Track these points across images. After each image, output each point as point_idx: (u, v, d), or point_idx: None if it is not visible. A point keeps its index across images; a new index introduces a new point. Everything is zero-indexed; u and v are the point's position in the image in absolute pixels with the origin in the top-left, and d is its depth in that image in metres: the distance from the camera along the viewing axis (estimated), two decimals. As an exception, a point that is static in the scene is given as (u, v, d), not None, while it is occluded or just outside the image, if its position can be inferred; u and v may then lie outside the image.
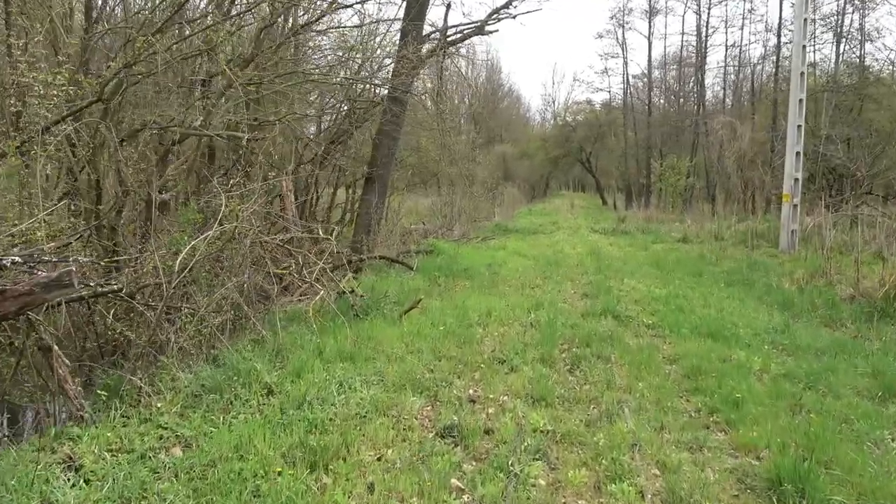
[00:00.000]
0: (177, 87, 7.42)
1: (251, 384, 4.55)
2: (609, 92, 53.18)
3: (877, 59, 31.75)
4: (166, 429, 3.85)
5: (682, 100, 38.70)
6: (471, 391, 4.80)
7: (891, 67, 32.91)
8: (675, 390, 4.91)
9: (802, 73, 14.85)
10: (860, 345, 6.53)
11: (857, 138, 26.28)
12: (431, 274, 9.82)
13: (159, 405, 4.15)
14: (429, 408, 4.48)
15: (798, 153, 15.04)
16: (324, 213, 17.37)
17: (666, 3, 46.00)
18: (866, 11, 30.80)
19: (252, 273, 6.07)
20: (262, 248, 6.35)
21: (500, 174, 44.80)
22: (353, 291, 7.19)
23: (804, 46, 14.93)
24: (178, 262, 4.98)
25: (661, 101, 40.73)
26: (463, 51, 19.42)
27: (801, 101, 14.88)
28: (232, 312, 5.83)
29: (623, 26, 38.34)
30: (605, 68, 50.44)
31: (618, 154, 42.11)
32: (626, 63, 40.48)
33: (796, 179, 15.12)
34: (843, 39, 32.56)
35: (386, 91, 12.03)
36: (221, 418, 4.02)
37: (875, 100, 29.94)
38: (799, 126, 14.96)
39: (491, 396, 4.71)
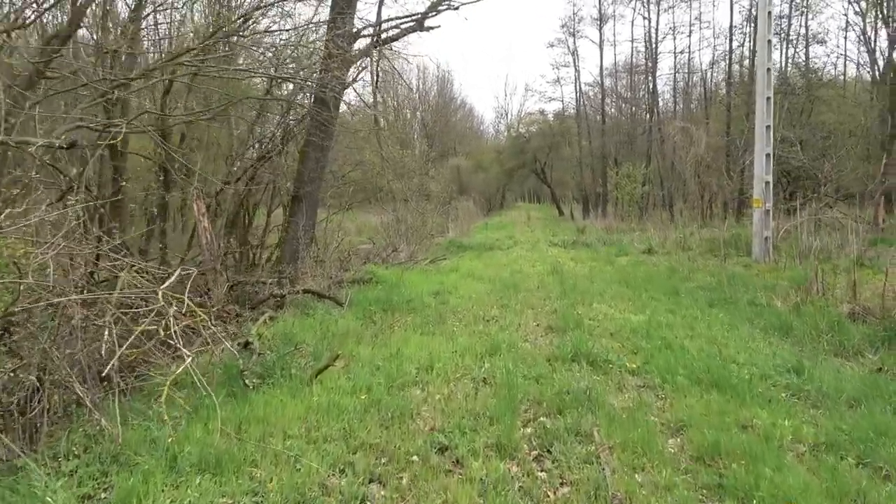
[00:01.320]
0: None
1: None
2: (562, 101, 52.94)
3: (822, 62, 31.88)
4: None
5: (634, 108, 38.16)
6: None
7: (833, 70, 32.94)
8: (692, 492, 3.38)
9: (769, 70, 13.84)
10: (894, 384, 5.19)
11: (810, 140, 25.95)
12: (366, 309, 8.17)
13: None
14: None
15: (768, 154, 14.00)
16: (259, 238, 15.57)
17: (615, 10, 45.69)
18: (811, 15, 30.75)
19: (86, 338, 4.32)
20: (92, 305, 4.56)
21: (455, 188, 43.46)
22: (248, 344, 5.49)
23: (769, 41, 13.93)
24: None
25: (613, 110, 40.14)
26: (404, 50, 17.99)
27: (768, 98, 13.86)
28: (60, 395, 4.07)
29: (574, 34, 37.67)
30: (558, 77, 49.81)
31: (573, 164, 41.31)
32: (577, 71, 39.66)
33: (767, 182, 14.06)
34: (790, 43, 32.51)
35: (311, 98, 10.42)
36: None
37: (825, 101, 29.85)
38: (767, 126, 13.93)
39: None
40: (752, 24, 29.55)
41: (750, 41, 30.65)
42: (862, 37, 29.04)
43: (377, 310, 8.18)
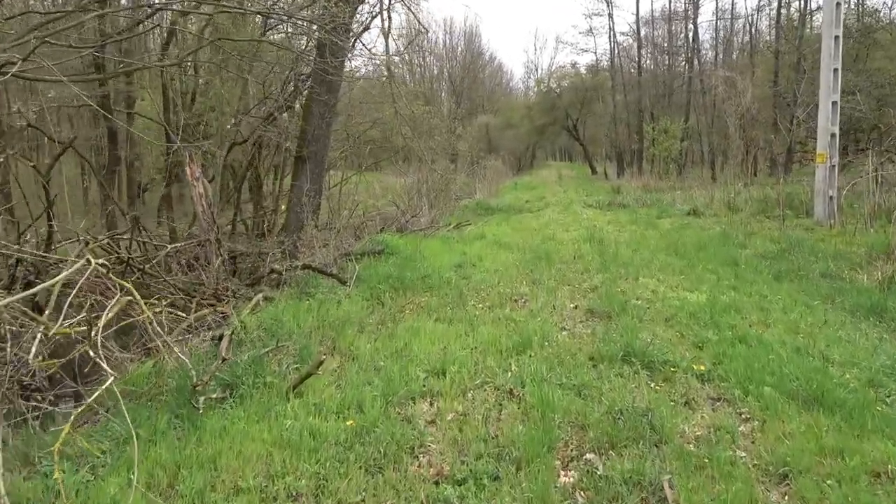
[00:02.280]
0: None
1: None
2: (595, 53, 50.45)
3: (880, 2, 29.11)
4: None
5: (671, 58, 35.72)
6: None
7: (889, 13, 30.18)
8: None
9: (838, 3, 12.02)
10: None
11: (866, 88, 23.73)
12: (375, 288, 7.04)
13: None
14: None
15: (834, 102, 12.30)
16: (273, 202, 14.53)
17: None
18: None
19: None
20: None
21: (484, 146, 41.93)
22: (221, 339, 4.41)
23: (842, -32, 12.08)
24: None
25: (649, 62, 37.71)
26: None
27: (836, 37, 12.08)
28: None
29: (608, -20, 35.08)
30: (590, 27, 47.25)
31: (606, 119, 39.21)
32: (612, 20, 37.12)
33: (833, 135, 12.39)
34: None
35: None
36: None
37: (882, 46, 27.40)
38: (835, 69, 12.19)
39: None
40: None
41: (803, -20, 28.03)
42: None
43: (387, 289, 7.04)
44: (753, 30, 32.86)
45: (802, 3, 27.94)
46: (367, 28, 12.26)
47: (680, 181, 26.23)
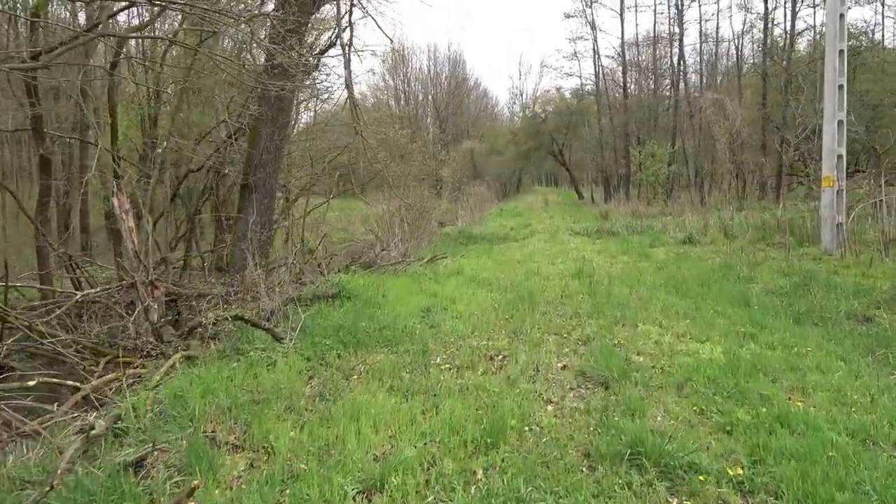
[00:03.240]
0: None
1: None
2: (580, 77, 49.86)
3: (864, 25, 28.80)
4: None
5: (656, 82, 35.10)
6: None
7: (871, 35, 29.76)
8: None
9: (842, 15, 11.11)
10: None
11: (857, 110, 23.06)
12: (320, 344, 5.77)
13: None
14: None
15: (840, 121, 11.32)
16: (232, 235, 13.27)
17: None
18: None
19: None
20: None
21: (469, 172, 40.98)
22: (91, 432, 3.13)
23: (842, -21, 11.19)
24: None
25: (633, 86, 37.09)
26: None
27: (841, 51, 11.15)
28: None
29: (591, 6, 34.56)
30: (575, 52, 46.53)
31: (592, 144, 38.45)
32: (596, 42, 36.68)
33: (839, 156, 11.38)
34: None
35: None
36: None
37: (869, 68, 27.01)
38: (840, 86, 11.23)
39: None
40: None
41: (789, 2, 27.55)
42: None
43: (335, 344, 5.78)
44: (738, 53, 32.36)
45: (789, 24, 27.43)
46: (332, 45, 11.16)
47: (669, 206, 25.33)
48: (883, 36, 30.96)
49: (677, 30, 30.94)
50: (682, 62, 31.59)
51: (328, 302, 7.18)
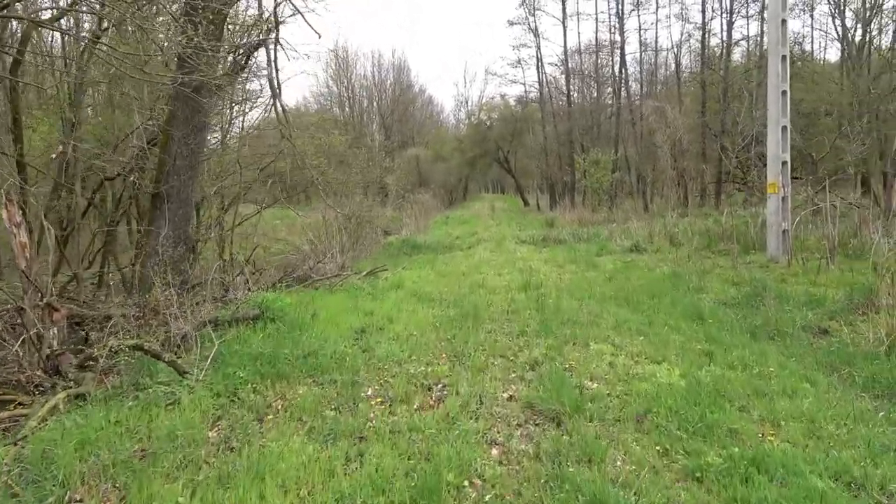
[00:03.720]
0: None
1: None
2: (524, 84, 50.02)
3: (796, 36, 29.72)
4: None
5: (598, 90, 35.42)
6: None
7: (801, 46, 30.84)
8: None
9: (784, 21, 11.05)
10: None
11: (792, 118, 23.66)
12: (233, 378, 5.01)
13: None
14: None
15: (784, 127, 11.25)
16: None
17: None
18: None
19: None
20: None
21: (414, 180, 40.39)
22: None
23: (785, -16, 11.16)
24: None
25: (576, 94, 37.32)
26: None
27: (783, 57, 11.09)
28: None
29: (534, 13, 34.54)
30: (519, 59, 46.68)
31: (537, 151, 38.45)
32: (539, 50, 36.73)
33: (784, 163, 11.31)
34: (764, 20, 30.31)
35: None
36: None
37: (801, 78, 27.85)
38: (783, 91, 11.17)
39: None
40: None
41: (725, 13, 28.18)
42: (836, 11, 26.74)
43: (251, 377, 5.03)
44: (677, 62, 32.93)
45: (726, 34, 28.02)
46: (260, 45, 10.34)
47: (614, 213, 25.37)
48: (812, 47, 32.15)
49: (618, 38, 31.20)
50: (623, 70, 31.88)
51: (249, 325, 6.40)
